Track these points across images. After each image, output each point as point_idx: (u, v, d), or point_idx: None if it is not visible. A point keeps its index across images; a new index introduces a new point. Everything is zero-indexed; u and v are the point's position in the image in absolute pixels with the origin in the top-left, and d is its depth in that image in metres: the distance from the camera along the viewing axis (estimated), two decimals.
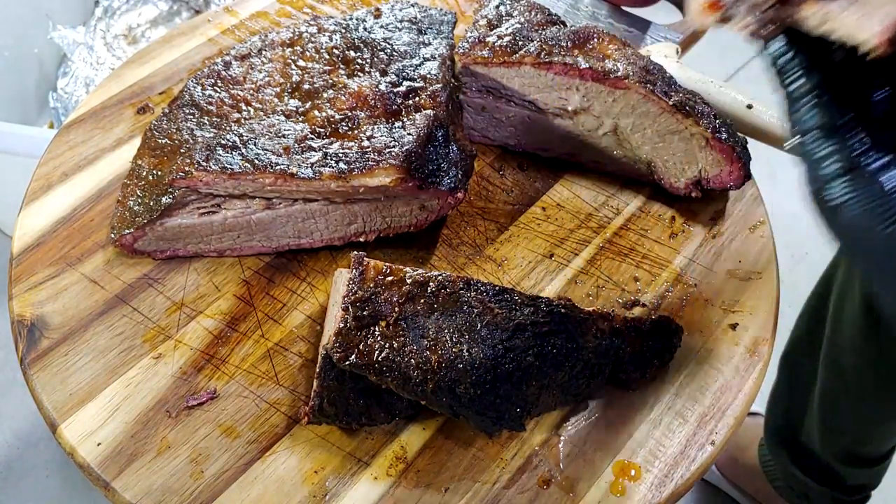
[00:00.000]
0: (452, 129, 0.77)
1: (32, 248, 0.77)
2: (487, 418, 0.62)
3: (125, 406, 0.67)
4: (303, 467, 0.65)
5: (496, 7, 0.88)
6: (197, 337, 0.72)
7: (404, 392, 0.61)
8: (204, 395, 0.68)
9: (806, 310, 1.13)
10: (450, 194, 0.73)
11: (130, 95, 0.92)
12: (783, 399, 1.19)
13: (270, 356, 0.71)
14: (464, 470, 0.65)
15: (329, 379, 0.63)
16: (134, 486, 0.63)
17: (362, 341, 0.61)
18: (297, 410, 0.68)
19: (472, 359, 0.61)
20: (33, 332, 0.71)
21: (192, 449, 0.65)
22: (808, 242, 1.82)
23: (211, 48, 0.98)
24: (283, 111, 0.78)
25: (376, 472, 0.65)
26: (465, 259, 0.79)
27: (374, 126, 0.74)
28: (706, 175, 0.81)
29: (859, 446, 1.08)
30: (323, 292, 0.76)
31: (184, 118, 0.80)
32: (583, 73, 0.80)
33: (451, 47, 0.84)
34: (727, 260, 0.80)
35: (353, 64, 0.82)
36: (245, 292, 0.76)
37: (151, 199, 0.76)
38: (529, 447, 0.67)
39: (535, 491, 0.64)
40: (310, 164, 0.71)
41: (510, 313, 0.63)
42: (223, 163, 0.71)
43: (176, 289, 0.75)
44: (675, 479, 0.65)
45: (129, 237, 0.75)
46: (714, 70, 2.46)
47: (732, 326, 0.75)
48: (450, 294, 0.64)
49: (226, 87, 0.82)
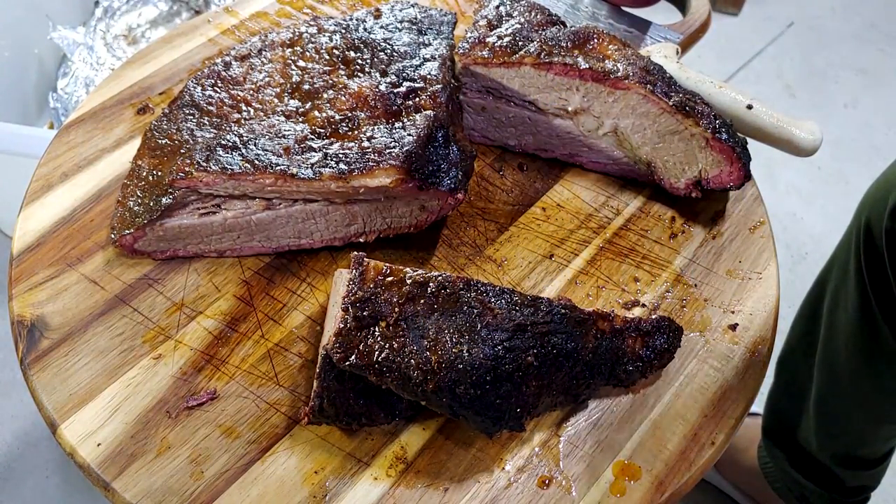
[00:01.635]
0: (452, 130, 0.77)
1: (32, 248, 0.77)
2: (487, 418, 0.62)
3: (125, 406, 0.67)
4: (303, 468, 0.65)
5: (496, 7, 0.88)
6: (197, 337, 0.72)
7: (404, 392, 0.61)
8: (204, 396, 0.68)
9: (801, 313, 1.13)
10: (450, 195, 0.73)
11: (130, 96, 0.92)
12: (780, 402, 1.19)
13: (270, 356, 0.71)
14: (464, 470, 0.65)
15: (329, 379, 0.63)
16: (134, 487, 0.63)
17: (362, 342, 0.61)
18: (297, 411, 0.68)
19: (472, 359, 0.61)
20: (33, 333, 0.71)
21: (192, 449, 0.65)
22: (808, 242, 1.83)
23: (211, 48, 0.98)
24: (284, 111, 0.78)
25: (376, 472, 0.65)
26: (465, 259, 0.79)
27: (374, 127, 0.74)
28: (706, 175, 0.81)
29: (856, 449, 1.08)
30: (323, 293, 0.76)
31: (184, 118, 0.80)
32: (583, 73, 0.80)
33: (451, 48, 0.84)
34: (727, 260, 0.80)
35: (354, 64, 0.82)
36: (245, 293, 0.76)
37: (151, 200, 0.76)
38: (529, 447, 0.67)
39: (535, 491, 0.64)
40: (310, 165, 0.71)
41: (510, 314, 0.63)
42: (223, 163, 0.71)
43: (176, 289, 0.75)
44: (675, 480, 0.65)
45: (129, 238, 0.75)
46: (714, 70, 2.47)
47: (732, 326, 0.75)
48: (450, 294, 0.64)
49: (226, 87, 0.82)
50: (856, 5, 2.50)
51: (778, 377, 1.19)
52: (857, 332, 0.96)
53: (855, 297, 0.96)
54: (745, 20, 2.44)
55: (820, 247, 1.80)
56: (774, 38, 2.38)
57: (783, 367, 1.18)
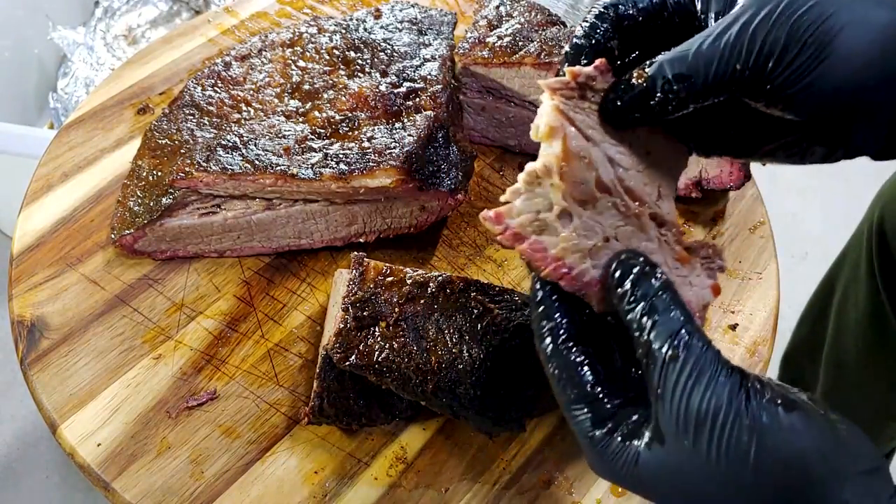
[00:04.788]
0: (453, 130, 0.77)
1: (32, 248, 0.77)
2: (487, 419, 0.62)
3: (125, 407, 0.67)
4: (303, 468, 0.65)
5: (496, 7, 0.88)
6: (197, 337, 0.72)
7: (404, 393, 0.61)
8: (204, 396, 0.68)
9: (808, 310, 1.13)
10: (450, 195, 0.73)
11: (130, 96, 0.92)
12: None
13: (270, 357, 0.71)
14: (464, 470, 0.65)
15: (329, 379, 0.63)
16: (134, 487, 0.63)
17: (362, 342, 0.61)
18: (297, 411, 0.68)
19: (473, 359, 0.61)
20: (33, 333, 0.71)
21: (192, 449, 0.65)
22: (808, 242, 1.83)
23: (211, 49, 0.98)
24: (284, 112, 0.78)
25: (376, 472, 0.65)
26: (466, 260, 0.79)
27: (374, 127, 0.74)
28: (706, 175, 0.81)
29: None
30: (323, 293, 0.76)
31: (184, 119, 0.80)
32: None
33: (451, 48, 0.84)
34: (727, 260, 0.80)
35: (354, 65, 0.82)
36: (245, 293, 0.76)
37: (151, 200, 0.76)
38: (530, 447, 0.67)
39: (535, 491, 0.64)
40: (310, 165, 0.71)
41: (510, 314, 0.63)
42: (223, 163, 0.71)
43: (176, 289, 0.75)
44: None
45: (130, 238, 0.75)
46: None
47: (732, 327, 0.75)
48: (450, 295, 0.64)
49: (226, 87, 0.82)
50: None
51: (782, 375, 1.19)
52: (867, 329, 0.96)
53: (866, 295, 0.96)
54: None
55: (820, 247, 1.80)
56: None
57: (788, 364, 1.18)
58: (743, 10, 0.41)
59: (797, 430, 0.37)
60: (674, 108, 0.43)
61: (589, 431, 0.41)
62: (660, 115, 0.43)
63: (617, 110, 0.44)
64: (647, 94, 0.43)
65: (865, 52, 0.39)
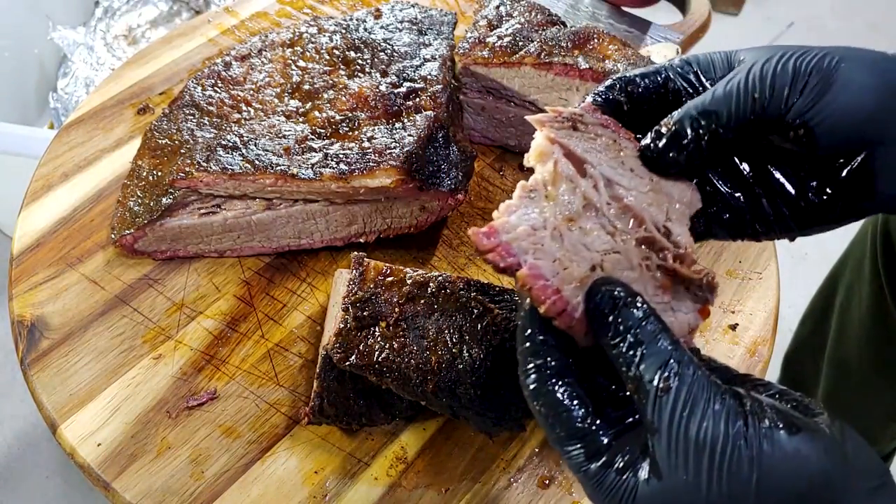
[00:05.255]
0: (453, 130, 0.77)
1: (32, 248, 0.77)
2: (487, 419, 0.62)
3: (125, 407, 0.67)
4: (303, 468, 0.65)
5: (496, 7, 0.88)
6: (197, 337, 0.72)
7: (404, 392, 0.61)
8: (204, 396, 0.68)
9: (810, 310, 1.13)
10: (450, 195, 0.73)
11: (130, 96, 0.92)
12: None
13: (270, 357, 0.71)
14: (464, 470, 0.65)
15: (329, 379, 0.63)
16: (134, 487, 0.63)
17: (362, 342, 0.61)
18: (297, 411, 0.68)
19: (473, 359, 0.61)
20: (33, 333, 0.71)
21: (192, 449, 0.65)
22: (808, 242, 1.82)
23: (211, 49, 0.98)
24: (284, 112, 0.78)
25: (376, 472, 0.65)
26: (466, 259, 0.79)
27: (374, 127, 0.74)
28: None
29: None
30: (323, 293, 0.76)
31: (184, 119, 0.80)
32: (583, 73, 0.80)
33: (451, 48, 0.84)
34: (727, 260, 0.80)
35: (354, 64, 0.82)
36: (245, 293, 0.76)
37: (151, 200, 0.76)
38: (529, 447, 0.67)
39: (535, 491, 0.64)
40: (310, 165, 0.71)
41: (510, 314, 0.63)
42: (223, 163, 0.71)
43: (176, 289, 0.75)
44: None
45: (130, 238, 0.75)
46: None
47: (732, 327, 0.75)
48: (450, 294, 0.64)
49: (226, 87, 0.82)
50: (856, 5, 2.50)
51: (784, 374, 1.19)
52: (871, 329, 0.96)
53: (869, 295, 0.96)
54: (746, 20, 2.44)
55: (820, 247, 1.80)
56: (774, 38, 2.38)
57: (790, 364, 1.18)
58: (745, 65, 0.46)
59: (801, 455, 0.36)
60: (707, 144, 0.45)
61: (583, 466, 0.40)
62: (695, 154, 0.46)
63: (656, 152, 0.46)
64: (678, 135, 0.46)
65: (864, 80, 0.43)
